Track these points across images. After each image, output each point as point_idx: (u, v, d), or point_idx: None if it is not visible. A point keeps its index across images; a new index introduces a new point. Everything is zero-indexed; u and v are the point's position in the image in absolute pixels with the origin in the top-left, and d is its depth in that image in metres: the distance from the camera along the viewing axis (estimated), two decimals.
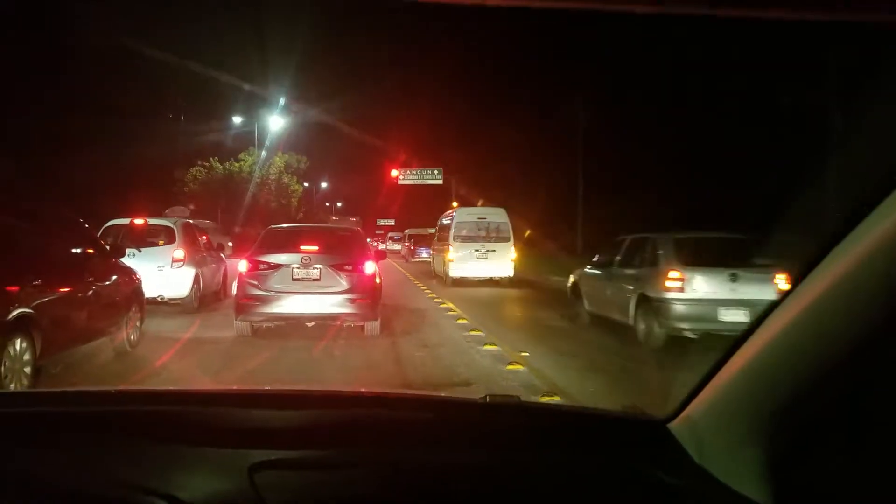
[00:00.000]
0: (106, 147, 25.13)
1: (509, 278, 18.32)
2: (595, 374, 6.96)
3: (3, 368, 5.12)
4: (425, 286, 17.78)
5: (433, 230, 24.64)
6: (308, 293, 8.54)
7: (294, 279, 8.59)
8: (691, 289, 8.19)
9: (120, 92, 27.85)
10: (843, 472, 1.22)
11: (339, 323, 8.77)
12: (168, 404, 1.77)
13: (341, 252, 9.00)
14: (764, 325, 1.29)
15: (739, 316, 7.79)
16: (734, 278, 8.10)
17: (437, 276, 20.29)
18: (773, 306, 1.27)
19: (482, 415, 1.69)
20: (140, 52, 25.18)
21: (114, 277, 7.57)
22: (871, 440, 1.19)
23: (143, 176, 27.59)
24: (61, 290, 6.28)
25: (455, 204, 45.01)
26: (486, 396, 1.72)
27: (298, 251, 8.78)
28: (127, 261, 8.39)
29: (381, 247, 42.51)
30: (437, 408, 1.78)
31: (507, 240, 18.72)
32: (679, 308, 8.16)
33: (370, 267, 8.85)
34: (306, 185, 49.31)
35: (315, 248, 8.90)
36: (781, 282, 7.62)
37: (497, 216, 19.36)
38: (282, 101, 35.70)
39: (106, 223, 11.44)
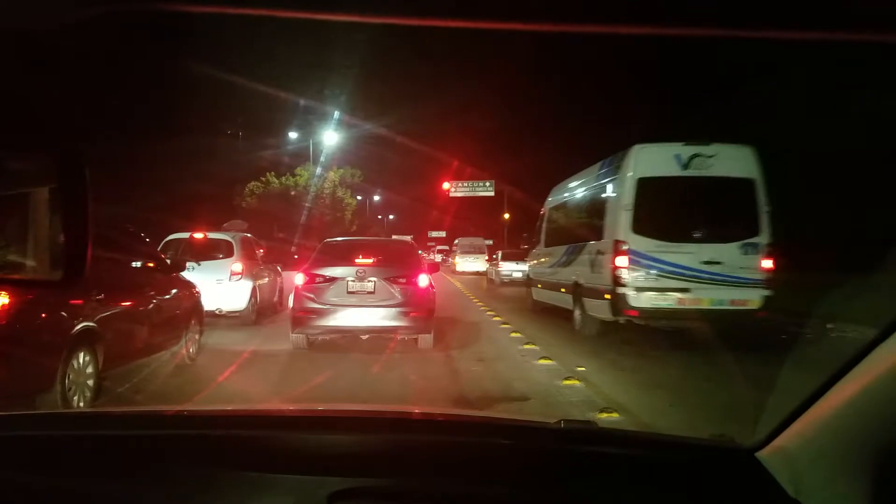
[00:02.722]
0: (164, 163, 25.96)
1: (483, 271, 34.43)
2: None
3: (67, 381, 5.21)
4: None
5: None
6: (363, 306, 8.53)
7: (349, 292, 8.59)
8: (504, 266, 27.24)
9: (179, 109, 28.80)
10: None
11: (392, 336, 8.74)
12: (242, 428, 1.76)
13: (395, 265, 8.97)
14: (871, 359, 1.20)
15: (518, 274, 23.42)
16: (520, 263, 22.77)
17: (452, 271, 39.09)
18: (876, 341, 1.18)
19: (558, 442, 1.62)
20: (199, 72, 25.97)
21: (174, 291, 7.69)
22: None
23: (201, 191, 28.35)
24: (123, 304, 6.39)
25: (506, 216, 46.11)
26: (560, 421, 1.64)
27: (353, 264, 8.78)
28: (186, 274, 8.53)
29: (429, 258, 42.97)
30: (511, 434, 1.72)
31: (483, 252, 38.62)
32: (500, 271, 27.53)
33: (424, 280, 8.78)
34: (359, 198, 49.91)
35: (370, 261, 8.90)
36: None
37: (479, 241, 41.11)
38: (336, 116, 36.29)
39: (166, 237, 11.73)
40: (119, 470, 1.50)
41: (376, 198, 66.47)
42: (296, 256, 22.63)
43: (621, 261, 9.19)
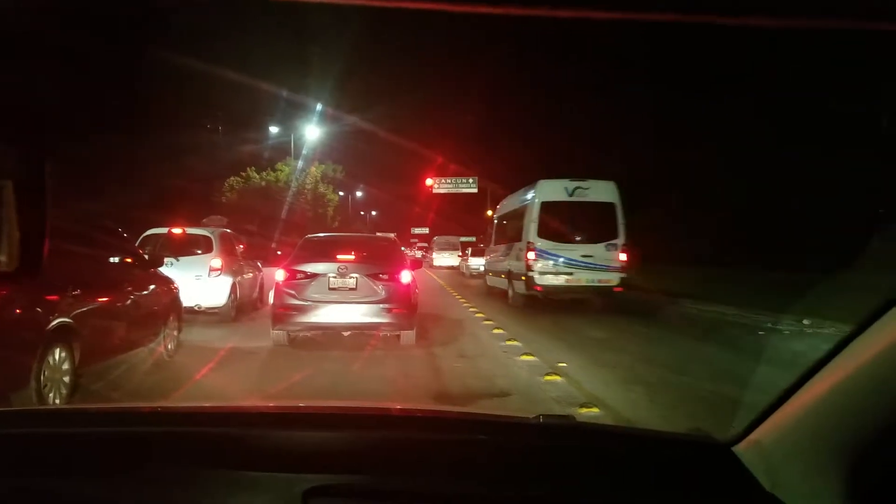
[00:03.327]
0: (142, 158, 25.61)
1: (457, 265, 38.65)
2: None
3: (42, 378, 5.13)
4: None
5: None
6: (344, 303, 8.47)
7: (331, 288, 8.53)
8: (473, 262, 30.34)
9: (157, 103, 28.40)
10: None
11: (375, 333, 8.70)
12: (218, 426, 1.74)
13: (378, 261, 8.92)
14: (845, 355, 1.21)
15: (480, 268, 24.60)
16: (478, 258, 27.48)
17: (430, 265, 41.97)
18: (850, 337, 1.20)
19: (537, 437, 1.63)
20: (178, 64, 25.62)
21: (152, 287, 7.60)
22: None
23: (179, 186, 27.97)
24: (100, 300, 6.30)
25: (490, 213, 47.01)
26: (539, 416, 1.65)
27: (335, 260, 8.72)
28: (165, 270, 8.43)
29: (410, 254, 43.32)
30: (490, 430, 1.71)
31: (457, 249, 42.21)
32: (469, 266, 31.96)
33: (406, 276, 8.74)
34: (342, 194, 49.69)
35: (352, 257, 8.84)
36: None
37: (454, 239, 45.19)
38: (318, 110, 36.08)
39: (144, 233, 11.57)
40: (95, 468, 1.48)
41: (359, 194, 66.35)
42: (278, 252, 22.51)
43: (531, 255, 14.07)
